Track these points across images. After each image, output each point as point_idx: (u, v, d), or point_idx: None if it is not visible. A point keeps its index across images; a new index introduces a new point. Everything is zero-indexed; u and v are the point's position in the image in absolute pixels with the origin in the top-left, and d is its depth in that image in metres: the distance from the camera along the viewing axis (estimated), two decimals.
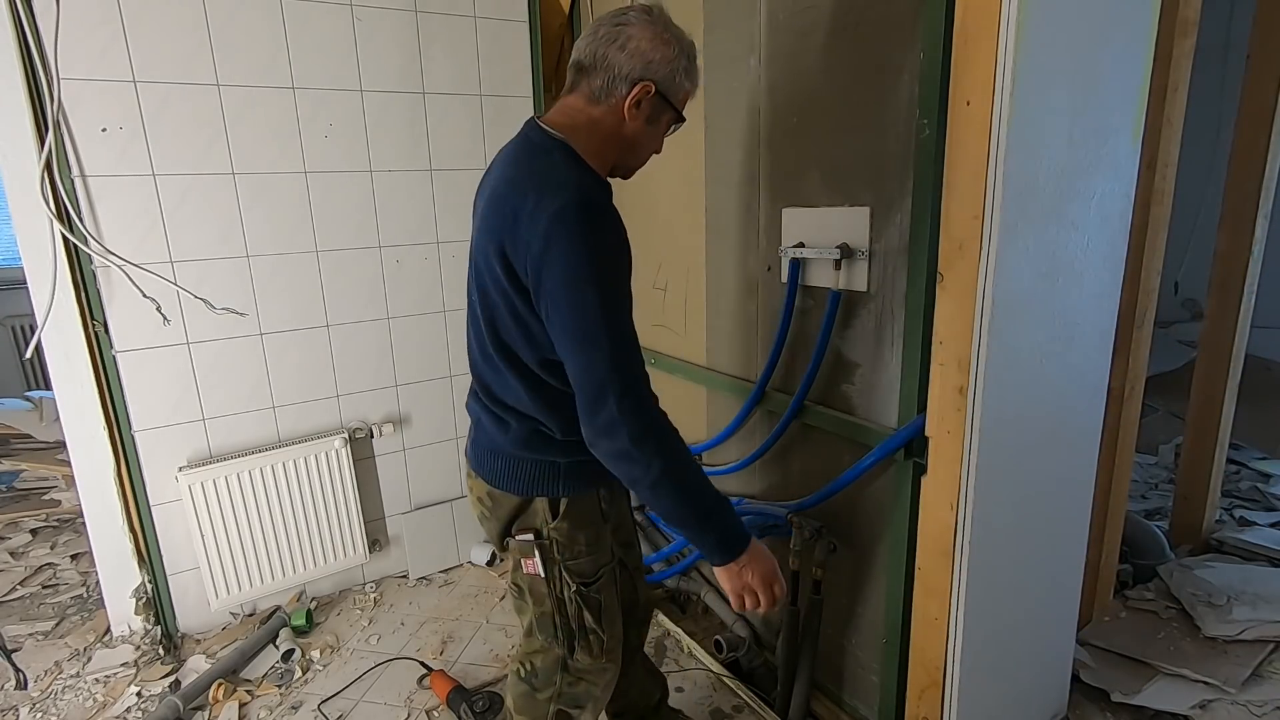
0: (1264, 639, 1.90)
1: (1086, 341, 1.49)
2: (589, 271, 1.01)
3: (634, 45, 1.09)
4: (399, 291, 2.40)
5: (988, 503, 1.37)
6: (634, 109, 1.12)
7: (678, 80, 1.13)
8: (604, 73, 1.11)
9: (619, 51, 1.09)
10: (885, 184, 1.47)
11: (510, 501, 1.24)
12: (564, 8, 2.53)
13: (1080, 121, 1.30)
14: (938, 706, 1.50)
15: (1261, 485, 2.87)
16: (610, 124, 1.14)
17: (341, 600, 2.43)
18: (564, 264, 1.01)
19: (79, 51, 1.84)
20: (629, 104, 1.11)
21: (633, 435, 1.03)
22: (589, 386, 1.04)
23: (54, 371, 1.98)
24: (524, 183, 1.08)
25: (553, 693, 1.35)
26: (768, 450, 1.87)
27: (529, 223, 1.03)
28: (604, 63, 1.10)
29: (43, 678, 2.06)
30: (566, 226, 1.01)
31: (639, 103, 1.12)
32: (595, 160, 1.15)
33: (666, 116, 1.17)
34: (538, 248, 1.02)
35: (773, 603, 1.16)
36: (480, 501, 1.30)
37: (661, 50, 1.10)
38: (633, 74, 1.10)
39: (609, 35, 1.10)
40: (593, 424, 1.05)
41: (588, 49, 1.12)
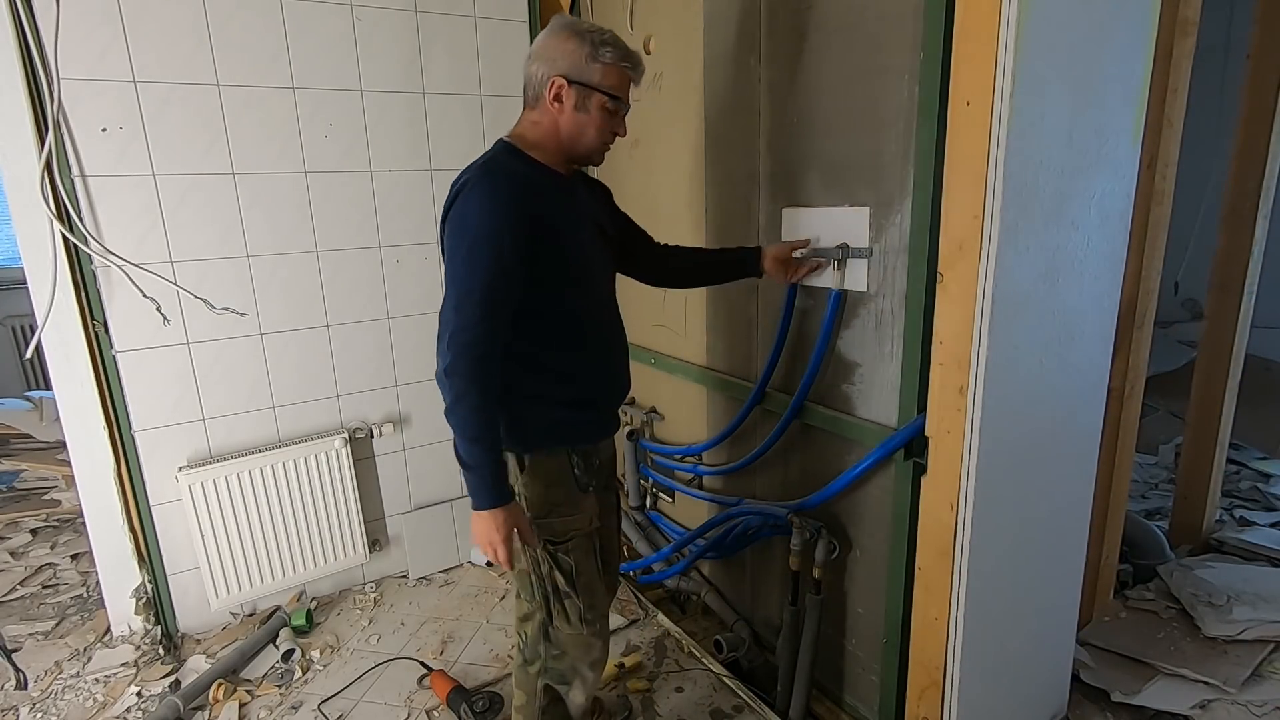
0: (1264, 639, 1.90)
1: (1086, 341, 1.49)
2: (468, 225, 1.20)
3: (538, 52, 1.29)
4: (399, 291, 2.40)
5: (988, 503, 1.37)
6: (556, 103, 1.28)
7: (586, 65, 1.26)
8: (529, 84, 1.31)
9: (531, 63, 1.30)
10: (885, 184, 1.47)
11: None
12: (564, 8, 2.53)
13: (1080, 121, 1.30)
14: (938, 706, 1.50)
15: (1261, 485, 2.87)
16: (546, 121, 1.31)
17: (341, 600, 2.43)
18: (456, 220, 1.22)
19: (79, 51, 1.84)
20: (549, 100, 1.28)
21: (446, 367, 1.19)
22: (440, 320, 1.22)
23: (54, 371, 1.98)
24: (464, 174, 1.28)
25: (540, 665, 1.43)
26: (768, 450, 1.86)
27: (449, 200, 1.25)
28: (527, 77, 1.32)
29: (43, 678, 2.06)
30: (466, 194, 1.22)
31: (558, 96, 1.28)
32: (539, 153, 1.31)
33: (596, 99, 1.29)
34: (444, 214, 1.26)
35: (504, 563, 1.28)
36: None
37: (560, 46, 1.27)
38: (541, 74, 1.28)
39: (538, 47, 1.30)
40: (436, 350, 1.22)
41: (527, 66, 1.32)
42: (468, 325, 1.18)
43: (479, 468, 1.22)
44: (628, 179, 2.41)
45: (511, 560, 1.29)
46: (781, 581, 1.98)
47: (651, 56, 2.18)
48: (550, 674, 1.44)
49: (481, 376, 1.20)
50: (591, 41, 1.26)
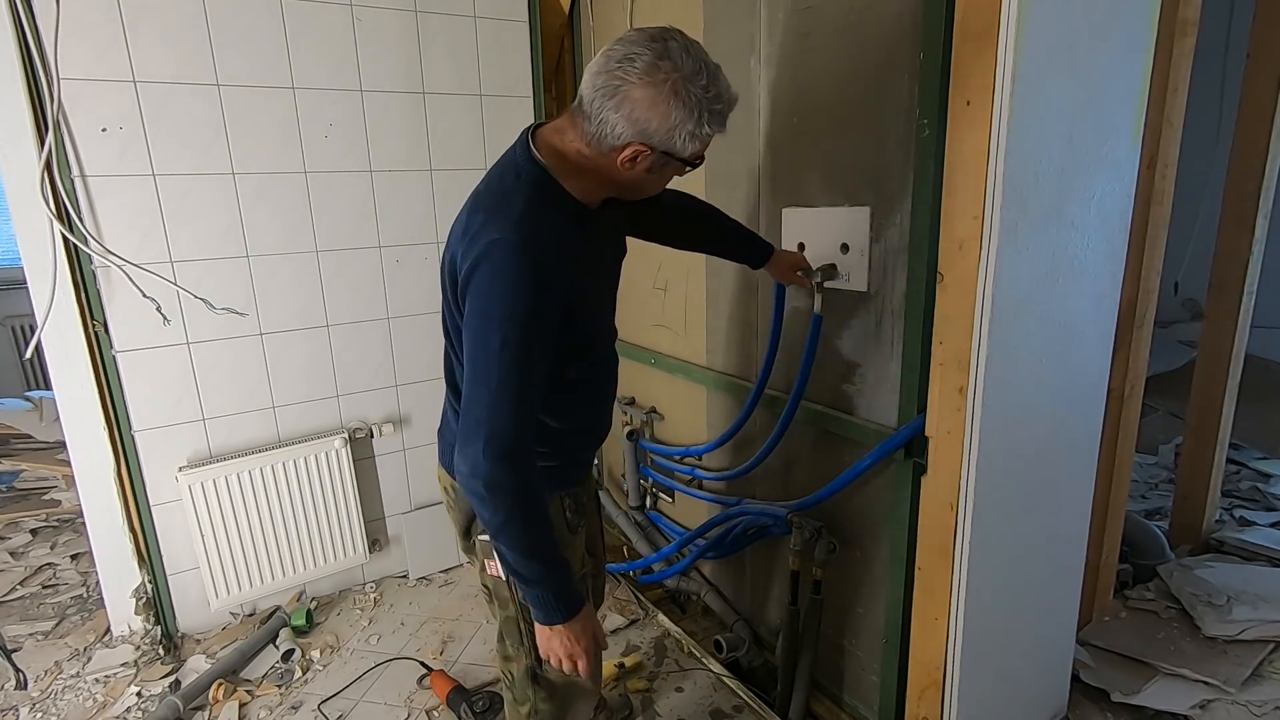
0: (1264, 639, 1.90)
1: (1086, 341, 1.49)
2: (500, 311, 1.00)
3: (628, 108, 0.99)
4: (399, 291, 2.40)
5: (988, 503, 1.37)
6: (629, 163, 1.04)
7: (681, 141, 1.02)
8: (597, 124, 1.02)
9: (613, 111, 1.00)
10: (885, 184, 1.47)
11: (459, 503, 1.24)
12: (564, 8, 2.53)
13: (1080, 121, 1.30)
14: (938, 706, 1.50)
15: (1261, 485, 2.87)
16: (603, 166, 1.07)
17: (341, 600, 2.43)
18: (482, 296, 1.02)
19: (79, 51, 1.84)
20: (622, 160, 1.04)
21: (488, 482, 1.02)
22: (468, 418, 1.03)
23: (54, 371, 1.98)
24: (485, 200, 1.08)
25: (530, 708, 1.33)
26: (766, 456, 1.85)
27: (470, 243, 1.04)
28: (598, 115, 1.01)
29: (43, 678, 2.06)
30: (493, 261, 1.00)
31: (634, 158, 1.04)
32: (577, 188, 1.10)
33: (674, 166, 1.08)
34: (466, 270, 1.03)
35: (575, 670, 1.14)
36: (446, 492, 1.31)
37: (661, 113, 0.99)
38: (625, 135, 1.01)
39: (607, 88, 0.99)
40: (462, 451, 1.04)
41: (587, 91, 1.02)
42: (508, 428, 1.01)
43: (544, 582, 1.08)
44: None
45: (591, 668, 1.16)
46: (781, 581, 1.98)
47: None
48: (542, 715, 1.34)
49: (527, 483, 1.04)
50: (700, 112, 1.00)
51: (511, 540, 1.06)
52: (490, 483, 1.01)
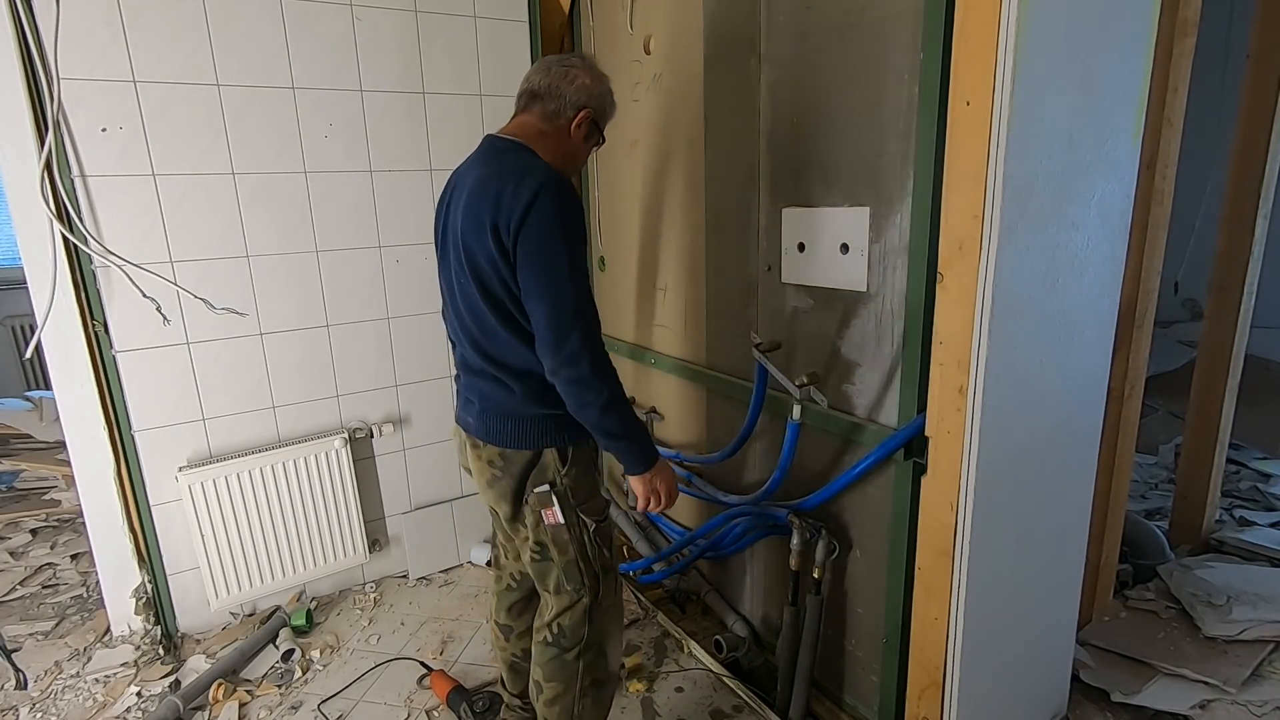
0: (1264, 639, 1.90)
1: (1086, 341, 1.49)
2: (560, 232, 1.24)
3: (579, 81, 1.39)
4: (399, 291, 2.40)
5: (988, 503, 1.37)
6: (577, 129, 1.41)
7: (606, 109, 1.45)
8: (556, 100, 1.39)
9: (569, 85, 1.39)
10: (885, 184, 1.47)
11: (522, 457, 1.38)
12: (564, 8, 2.53)
13: (1080, 121, 1.30)
14: (938, 706, 1.50)
15: (1261, 485, 2.87)
16: (556, 139, 1.40)
17: (341, 600, 2.43)
18: (542, 227, 1.23)
19: (79, 51, 1.84)
20: (574, 125, 1.40)
21: (592, 364, 1.26)
22: (558, 324, 1.24)
23: (54, 371, 1.98)
24: (503, 173, 1.29)
25: (580, 647, 1.47)
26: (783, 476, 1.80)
27: (512, 199, 1.24)
28: (556, 92, 1.39)
29: (43, 678, 2.06)
30: (544, 199, 1.24)
31: (580, 124, 1.41)
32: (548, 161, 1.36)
33: (595, 136, 1.46)
34: (519, 216, 1.23)
35: (670, 503, 1.43)
36: (491, 465, 1.42)
37: (597, 86, 1.42)
38: (577, 102, 1.39)
39: (560, 73, 1.39)
40: (558, 355, 1.25)
41: (541, 80, 1.40)
42: (591, 323, 1.27)
43: (640, 436, 1.36)
44: (627, 179, 2.41)
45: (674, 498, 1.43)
46: (781, 581, 1.98)
47: (651, 56, 2.18)
48: (592, 649, 1.48)
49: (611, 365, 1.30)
50: (610, 91, 1.46)
51: (618, 408, 1.31)
52: (594, 365, 1.26)
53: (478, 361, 1.39)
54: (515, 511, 1.43)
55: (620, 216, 2.50)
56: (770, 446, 1.94)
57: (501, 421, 1.38)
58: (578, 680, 1.48)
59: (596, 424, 1.31)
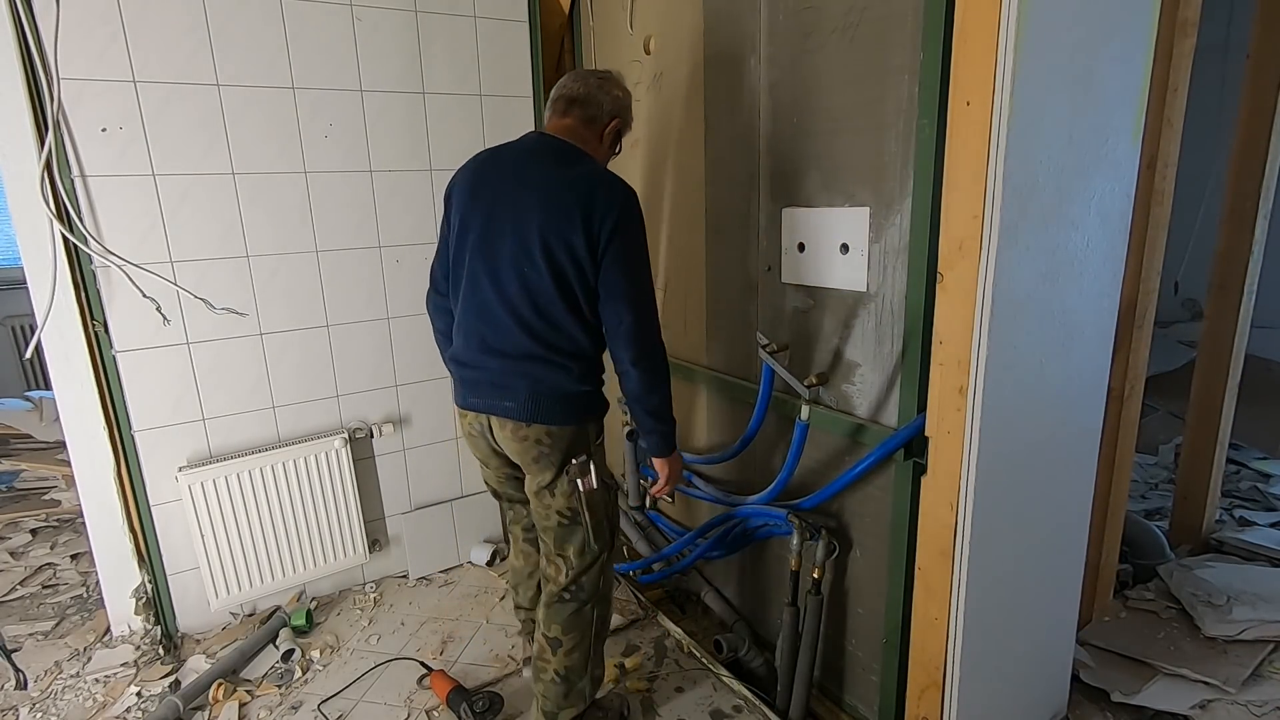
0: (1264, 639, 1.90)
1: (1086, 341, 1.49)
2: (643, 246, 1.49)
3: (613, 92, 1.60)
4: (399, 291, 2.40)
5: (988, 503, 1.38)
6: (609, 135, 1.61)
7: (629, 121, 1.66)
8: (595, 107, 1.57)
9: (605, 95, 1.58)
10: (885, 184, 1.47)
11: (567, 432, 1.51)
12: (564, 8, 2.53)
13: (1080, 121, 1.30)
14: (938, 706, 1.50)
15: (1261, 485, 2.87)
16: (594, 145, 1.59)
17: (341, 600, 2.43)
18: (633, 235, 1.45)
19: (79, 51, 1.84)
20: (607, 131, 1.60)
21: (664, 359, 1.52)
22: (644, 323, 1.46)
23: (54, 371, 1.98)
24: (591, 175, 1.47)
25: (595, 599, 1.63)
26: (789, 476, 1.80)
27: (606, 203, 1.42)
28: (594, 100, 1.57)
29: (43, 678, 2.06)
30: (631, 212, 1.45)
31: (613, 130, 1.61)
32: None
33: (616, 145, 1.67)
34: (613, 220, 1.41)
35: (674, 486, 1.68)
36: (538, 443, 1.51)
37: (627, 99, 1.64)
38: (611, 111, 1.59)
39: (596, 83, 1.58)
40: (642, 348, 1.47)
41: (579, 88, 1.57)
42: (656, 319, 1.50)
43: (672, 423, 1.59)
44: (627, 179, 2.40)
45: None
46: (781, 581, 1.98)
47: (651, 56, 2.18)
48: (601, 600, 1.64)
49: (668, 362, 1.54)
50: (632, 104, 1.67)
51: (666, 394, 1.54)
52: (665, 360, 1.52)
53: (527, 345, 1.46)
54: (553, 481, 1.53)
55: None
56: (769, 446, 1.94)
57: (554, 402, 1.48)
58: (592, 628, 1.62)
59: (654, 409, 1.53)
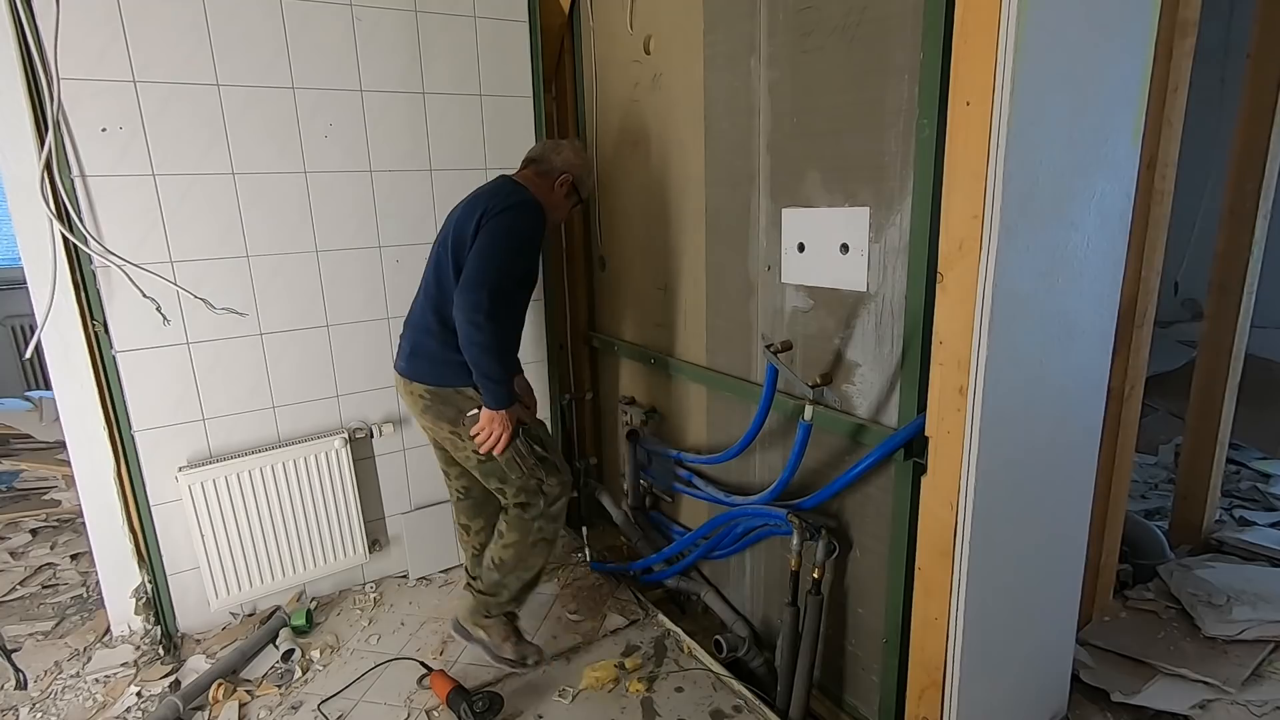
0: (1264, 639, 1.90)
1: (1086, 341, 1.49)
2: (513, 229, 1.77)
3: (564, 154, 1.99)
4: (399, 291, 2.40)
5: (988, 503, 1.38)
6: (559, 187, 1.98)
7: (584, 179, 2.03)
8: (546, 163, 1.99)
9: (556, 156, 1.99)
10: (885, 184, 1.47)
11: (446, 392, 1.85)
12: (564, 8, 2.53)
13: (1080, 121, 1.30)
14: (938, 706, 1.50)
15: (1261, 485, 2.87)
16: (545, 190, 1.95)
17: (341, 600, 2.43)
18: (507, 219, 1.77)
19: (79, 51, 1.84)
20: (557, 183, 1.97)
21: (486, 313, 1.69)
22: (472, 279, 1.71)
23: (54, 371, 1.98)
24: (500, 189, 1.87)
25: (538, 513, 1.89)
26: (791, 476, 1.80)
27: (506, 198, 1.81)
28: (546, 159, 2.00)
29: (43, 678, 2.06)
30: (522, 207, 1.80)
31: (562, 184, 1.98)
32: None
33: (574, 196, 2.03)
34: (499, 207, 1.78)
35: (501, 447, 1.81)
36: (421, 398, 1.88)
37: (578, 159, 2.01)
38: (562, 168, 1.98)
39: (553, 146, 2.01)
40: (465, 296, 1.70)
41: (537, 151, 2.02)
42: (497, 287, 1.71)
43: (504, 380, 1.77)
44: (627, 179, 2.41)
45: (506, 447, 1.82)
46: (781, 581, 1.98)
47: (651, 56, 2.18)
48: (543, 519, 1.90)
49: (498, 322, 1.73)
50: (591, 168, 2.10)
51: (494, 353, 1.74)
52: (487, 314, 1.69)
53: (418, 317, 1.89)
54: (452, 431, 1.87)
55: (620, 216, 2.50)
56: (770, 446, 1.94)
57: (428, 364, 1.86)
58: (529, 536, 1.90)
59: (474, 360, 1.74)
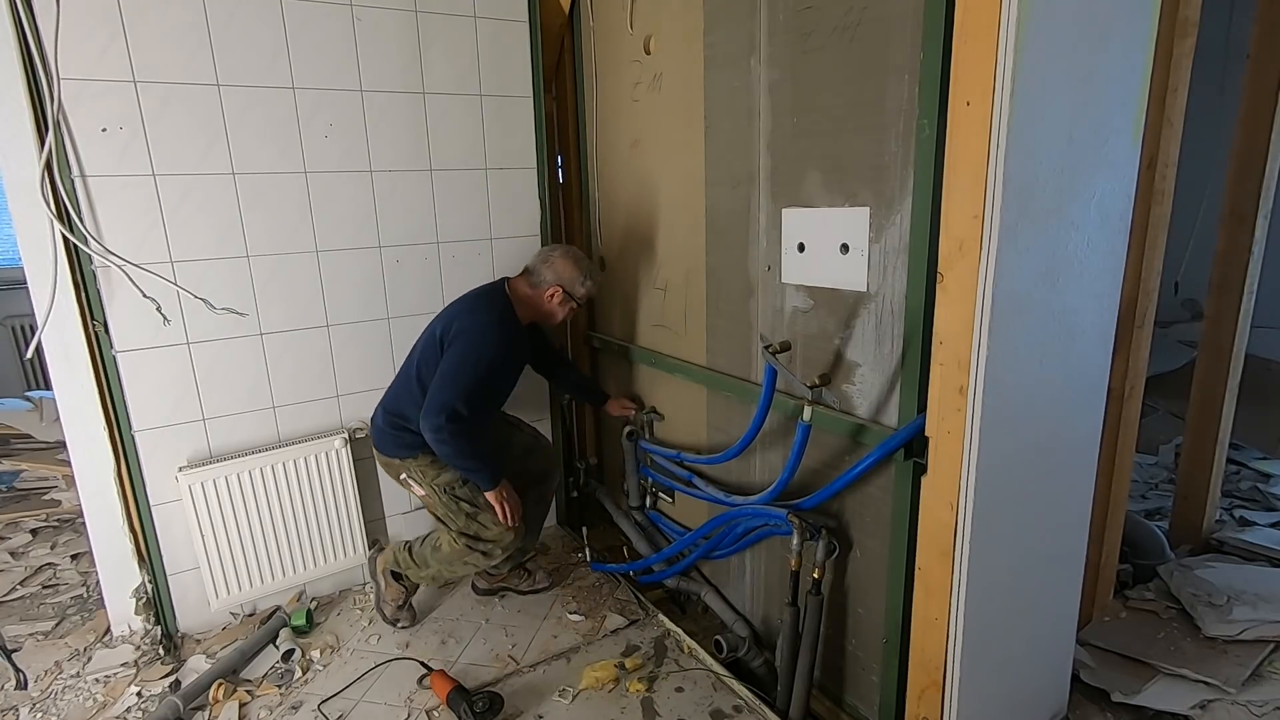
0: (1264, 639, 1.90)
1: (1086, 341, 1.49)
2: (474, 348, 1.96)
3: (555, 266, 2.09)
4: (399, 291, 2.40)
5: (988, 503, 1.38)
6: (551, 298, 2.10)
7: (577, 287, 2.11)
8: (538, 276, 2.10)
9: (547, 268, 2.09)
10: (885, 184, 1.47)
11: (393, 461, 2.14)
12: (564, 8, 2.53)
13: (1080, 121, 1.30)
14: (938, 706, 1.50)
15: (1261, 485, 2.87)
16: (536, 300, 2.11)
17: (341, 600, 2.43)
18: (467, 336, 1.98)
19: (79, 51, 1.84)
20: (548, 295, 2.09)
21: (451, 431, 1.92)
22: (435, 401, 1.92)
23: (54, 371, 1.98)
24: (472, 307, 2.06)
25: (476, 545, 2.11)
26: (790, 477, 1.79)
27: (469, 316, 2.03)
28: (538, 271, 2.09)
29: (43, 678, 2.06)
30: (480, 327, 1.99)
31: (554, 295, 2.09)
32: (522, 312, 2.10)
33: (569, 302, 2.12)
34: (460, 326, 2.00)
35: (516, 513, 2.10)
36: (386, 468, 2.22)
37: (568, 271, 2.09)
38: (553, 280, 2.08)
39: (544, 258, 2.10)
40: (427, 418, 1.93)
41: (533, 262, 2.12)
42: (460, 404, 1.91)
43: (479, 469, 2.01)
44: (628, 179, 2.41)
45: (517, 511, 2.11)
46: (781, 581, 1.98)
47: (651, 56, 2.18)
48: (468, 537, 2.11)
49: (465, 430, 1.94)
50: (584, 273, 2.11)
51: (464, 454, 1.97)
52: (450, 432, 1.92)
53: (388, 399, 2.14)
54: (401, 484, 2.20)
55: (620, 216, 2.50)
56: (769, 446, 1.94)
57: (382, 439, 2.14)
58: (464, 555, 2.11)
59: (452, 462, 2.01)
